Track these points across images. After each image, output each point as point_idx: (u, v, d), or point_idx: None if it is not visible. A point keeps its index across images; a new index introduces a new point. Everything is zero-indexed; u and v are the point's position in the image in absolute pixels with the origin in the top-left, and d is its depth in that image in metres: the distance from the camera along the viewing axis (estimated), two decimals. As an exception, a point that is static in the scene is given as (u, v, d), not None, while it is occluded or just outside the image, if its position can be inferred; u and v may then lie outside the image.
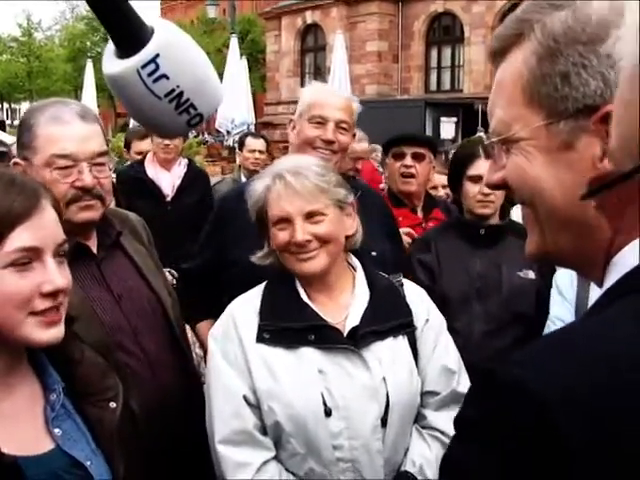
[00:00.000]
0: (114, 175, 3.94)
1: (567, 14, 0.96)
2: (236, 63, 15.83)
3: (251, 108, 16.26)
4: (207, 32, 44.06)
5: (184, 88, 1.28)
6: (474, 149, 3.52)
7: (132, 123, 12.49)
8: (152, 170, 5.94)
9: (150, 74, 1.24)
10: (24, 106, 68.84)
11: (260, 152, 7.25)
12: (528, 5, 1.02)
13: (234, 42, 16.21)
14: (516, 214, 4.15)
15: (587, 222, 0.97)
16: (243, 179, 6.76)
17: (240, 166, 7.66)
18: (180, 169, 6.08)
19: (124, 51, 1.25)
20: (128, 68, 1.25)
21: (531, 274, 3.45)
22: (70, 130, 2.23)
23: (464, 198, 3.54)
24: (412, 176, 4.27)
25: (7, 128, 6.32)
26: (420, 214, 4.37)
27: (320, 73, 32.56)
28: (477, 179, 3.44)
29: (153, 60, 1.24)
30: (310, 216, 2.25)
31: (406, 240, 3.88)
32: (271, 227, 2.31)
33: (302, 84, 31.13)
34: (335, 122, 3.03)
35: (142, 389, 2.27)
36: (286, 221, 2.26)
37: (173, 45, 1.27)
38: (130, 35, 1.24)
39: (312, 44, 34.31)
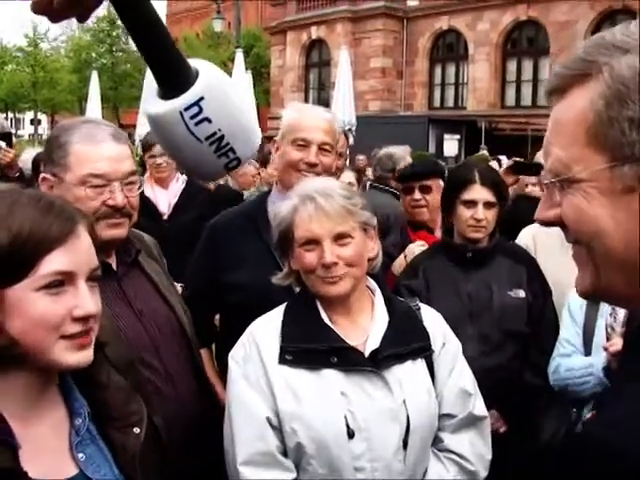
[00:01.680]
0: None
1: (635, 59, 0.96)
2: (241, 77, 15.85)
3: (256, 122, 16.29)
4: (212, 46, 44.25)
5: (225, 132, 1.28)
6: (469, 173, 3.54)
7: (137, 136, 12.50)
8: (149, 189, 5.93)
9: (193, 117, 1.24)
10: (28, 115, 69.00)
11: (252, 176, 7.76)
12: (592, 45, 1.02)
13: (239, 56, 16.23)
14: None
15: None
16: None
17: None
18: (177, 186, 6.04)
19: (168, 92, 1.25)
20: (171, 109, 1.25)
21: (521, 293, 3.48)
22: (104, 150, 2.27)
23: (456, 221, 3.56)
24: (422, 206, 4.45)
25: (13, 138, 6.27)
26: (439, 233, 4.44)
27: (324, 88, 32.70)
28: (471, 204, 3.47)
29: (197, 103, 1.24)
30: (338, 238, 2.26)
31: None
32: (297, 248, 2.31)
33: (306, 99, 31.30)
34: (318, 144, 3.01)
35: (164, 404, 2.30)
36: (314, 242, 2.26)
37: (217, 89, 1.27)
38: (175, 76, 1.24)
39: (317, 59, 34.43)
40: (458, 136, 24.20)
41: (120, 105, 50.21)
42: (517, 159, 5.30)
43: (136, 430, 1.68)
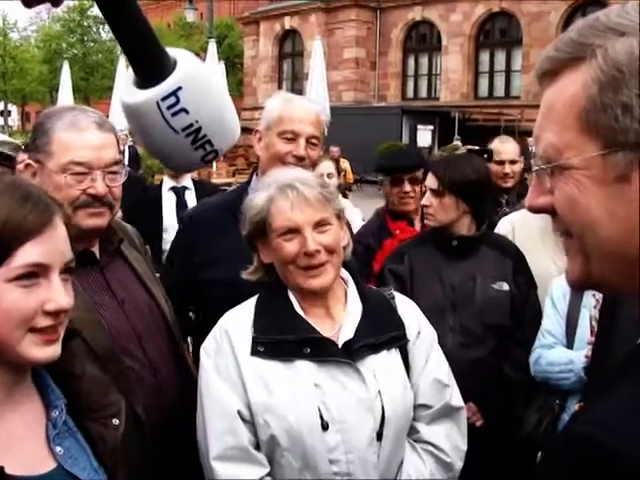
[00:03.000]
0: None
1: (632, 43, 0.93)
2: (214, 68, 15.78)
3: (234, 114, 16.21)
4: (184, 36, 43.98)
5: (203, 124, 1.25)
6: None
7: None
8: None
9: (170, 107, 1.21)
10: (-2, 106, 68.22)
11: None
12: (584, 28, 0.98)
13: (212, 47, 16.17)
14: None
15: (637, 257, 0.95)
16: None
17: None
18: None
19: (145, 81, 1.22)
20: (148, 99, 1.21)
21: (505, 286, 3.46)
22: (87, 138, 2.25)
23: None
24: (411, 197, 4.41)
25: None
26: (418, 225, 4.43)
27: (297, 79, 32.66)
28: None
29: (174, 93, 1.21)
30: (318, 225, 2.23)
31: None
32: (274, 239, 2.26)
33: (279, 89, 31.18)
34: (306, 137, 2.96)
35: (146, 393, 2.30)
36: (294, 231, 2.22)
37: (195, 79, 1.24)
38: (152, 65, 1.20)
39: (290, 50, 34.39)
40: (431, 127, 24.30)
41: (92, 96, 49.76)
42: (470, 147, 5.35)
43: (115, 421, 1.66)
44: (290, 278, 2.25)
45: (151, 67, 1.22)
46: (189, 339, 3.20)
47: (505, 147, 5.41)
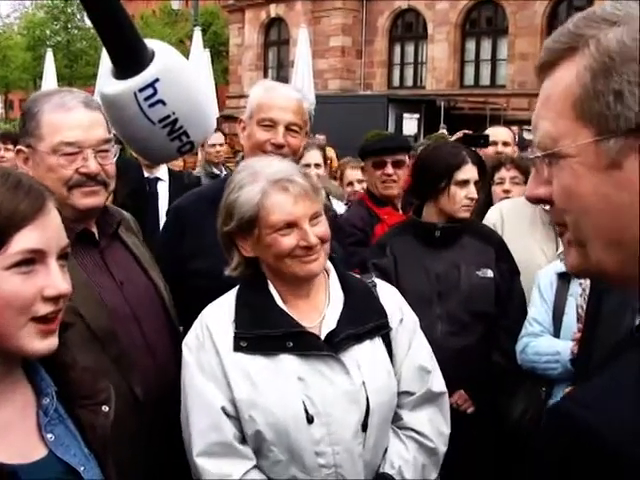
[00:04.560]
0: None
1: (623, 31, 0.95)
2: (199, 55, 15.69)
3: (212, 106, 16.17)
4: (169, 23, 43.70)
5: (179, 115, 1.25)
6: (459, 153, 3.57)
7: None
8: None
9: (147, 98, 1.21)
10: (-19, 94, 67.60)
11: (220, 145, 7.80)
12: (580, 19, 1.01)
13: (198, 34, 16.03)
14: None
15: (632, 243, 0.97)
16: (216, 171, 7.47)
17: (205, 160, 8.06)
18: None
19: (122, 72, 1.21)
20: (125, 90, 1.21)
21: (489, 273, 3.49)
22: (75, 117, 2.25)
23: (448, 202, 3.55)
24: (394, 181, 4.34)
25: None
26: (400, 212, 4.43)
27: (283, 67, 32.52)
28: (464, 184, 3.51)
29: (152, 85, 1.21)
30: (313, 217, 2.23)
31: None
32: (269, 234, 2.23)
33: (265, 77, 31.07)
34: (285, 125, 2.93)
35: (144, 374, 2.35)
36: (292, 225, 2.21)
37: (173, 71, 1.24)
38: (131, 57, 1.19)
39: (276, 38, 34.21)
40: (417, 115, 24.23)
41: (76, 83, 49.36)
42: (466, 131, 5.38)
43: (105, 408, 1.66)
44: (285, 269, 2.24)
45: (129, 58, 1.21)
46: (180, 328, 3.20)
47: (498, 130, 5.56)
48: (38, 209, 1.46)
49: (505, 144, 5.48)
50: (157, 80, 1.21)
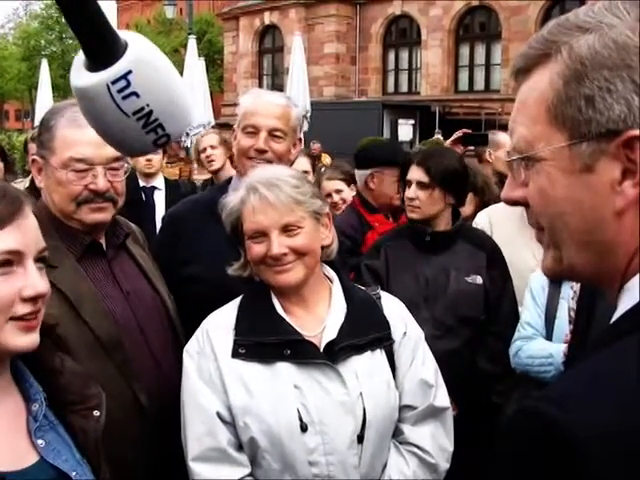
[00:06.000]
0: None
1: (594, 38, 0.98)
2: (194, 64, 15.69)
3: (209, 109, 16.13)
4: (164, 32, 43.73)
5: (154, 107, 1.25)
6: (412, 155, 3.61)
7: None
8: None
9: (120, 90, 1.21)
10: (-24, 105, 67.41)
11: (212, 147, 6.71)
12: (554, 26, 1.03)
13: (192, 43, 16.03)
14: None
15: (604, 245, 0.99)
16: None
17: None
18: None
19: (95, 64, 1.21)
20: (97, 82, 1.21)
21: (479, 279, 3.49)
22: (87, 134, 2.23)
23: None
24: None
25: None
26: (390, 219, 4.43)
27: (278, 74, 32.53)
28: (408, 184, 3.53)
29: (124, 76, 1.20)
30: (286, 229, 2.22)
31: None
32: (246, 240, 2.27)
33: (260, 85, 31.14)
34: (268, 130, 2.92)
35: (148, 382, 2.36)
36: (262, 234, 2.23)
37: (147, 63, 1.23)
38: (102, 48, 1.19)
39: (270, 45, 34.22)
40: (412, 121, 24.27)
41: (71, 94, 49.30)
42: (466, 130, 5.40)
43: (96, 413, 1.67)
44: (262, 276, 2.27)
45: (101, 50, 1.21)
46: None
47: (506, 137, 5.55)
48: (15, 212, 1.48)
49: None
50: (130, 72, 1.20)
